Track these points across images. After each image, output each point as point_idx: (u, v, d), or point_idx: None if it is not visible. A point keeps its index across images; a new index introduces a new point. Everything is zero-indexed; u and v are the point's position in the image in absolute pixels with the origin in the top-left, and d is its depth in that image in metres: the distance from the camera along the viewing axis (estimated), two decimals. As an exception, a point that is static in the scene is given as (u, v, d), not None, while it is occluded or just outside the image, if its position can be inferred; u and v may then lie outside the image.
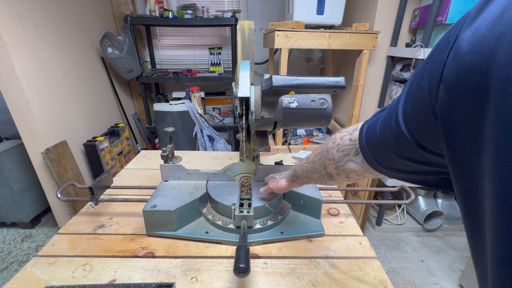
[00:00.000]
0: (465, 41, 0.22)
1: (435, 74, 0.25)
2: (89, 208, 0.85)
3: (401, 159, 0.35)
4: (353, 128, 0.45)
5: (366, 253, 0.68)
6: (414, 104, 0.29)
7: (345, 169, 0.46)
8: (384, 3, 1.68)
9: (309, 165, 0.55)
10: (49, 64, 1.62)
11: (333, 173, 0.48)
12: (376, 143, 0.38)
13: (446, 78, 0.23)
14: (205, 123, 2.21)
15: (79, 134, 1.86)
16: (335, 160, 0.46)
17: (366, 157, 0.40)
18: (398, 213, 2.01)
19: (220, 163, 1.17)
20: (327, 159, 0.48)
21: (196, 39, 2.57)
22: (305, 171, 0.57)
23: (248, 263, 0.49)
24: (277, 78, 0.52)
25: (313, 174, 0.54)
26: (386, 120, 0.35)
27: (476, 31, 0.21)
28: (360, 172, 0.44)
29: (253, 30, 0.71)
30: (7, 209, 1.82)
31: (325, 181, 0.52)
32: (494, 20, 0.20)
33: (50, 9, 1.63)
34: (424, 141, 0.30)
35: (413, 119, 0.30)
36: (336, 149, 0.46)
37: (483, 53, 0.20)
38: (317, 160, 0.52)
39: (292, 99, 0.72)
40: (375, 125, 0.38)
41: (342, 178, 0.48)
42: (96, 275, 0.60)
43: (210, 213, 0.76)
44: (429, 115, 0.27)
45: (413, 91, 0.29)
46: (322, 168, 0.50)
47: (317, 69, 2.71)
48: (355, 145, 0.43)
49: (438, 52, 0.25)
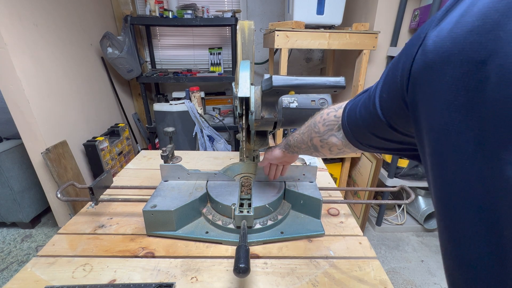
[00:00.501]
0: (431, 40, 0.24)
1: (406, 67, 0.27)
2: (89, 208, 0.85)
3: (377, 138, 0.39)
4: (339, 106, 0.49)
5: (366, 253, 0.68)
6: (389, 91, 0.32)
7: (328, 143, 0.50)
8: (384, 3, 1.68)
9: (299, 136, 0.59)
10: (49, 64, 1.62)
11: (318, 145, 0.53)
12: (356, 122, 0.42)
13: (414, 72, 0.26)
14: (205, 123, 2.21)
15: (79, 134, 1.87)
16: (320, 133, 0.51)
17: (346, 134, 0.45)
18: (398, 213, 2.01)
19: (220, 163, 1.17)
20: (313, 132, 0.53)
21: (196, 39, 2.57)
22: (296, 140, 0.60)
23: (248, 263, 0.49)
24: (277, 78, 0.53)
25: (302, 145, 0.58)
26: (365, 103, 0.39)
27: (440, 32, 0.23)
28: (340, 146, 0.49)
29: (253, 30, 0.71)
30: (7, 209, 1.82)
31: (311, 151, 0.57)
32: (453, 24, 0.22)
33: (50, 9, 1.63)
34: (397, 125, 0.33)
35: (387, 105, 0.33)
36: (322, 123, 0.50)
37: (442, 52, 0.23)
38: (306, 131, 0.56)
39: (292, 99, 0.72)
40: (356, 106, 0.42)
41: (325, 150, 0.53)
42: (96, 275, 0.60)
43: (210, 213, 0.76)
44: (401, 103, 0.30)
45: (389, 79, 0.32)
46: (309, 139, 0.54)
47: (317, 69, 2.71)
48: (338, 122, 0.47)
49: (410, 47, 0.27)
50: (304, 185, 0.82)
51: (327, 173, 1.09)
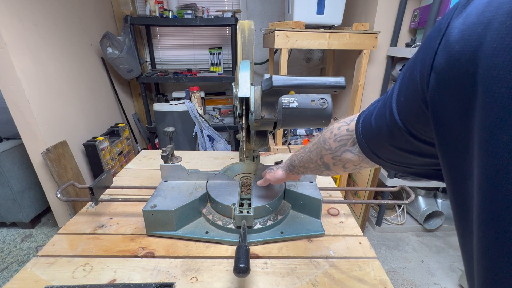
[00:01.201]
0: (456, 28, 0.21)
1: (426, 62, 0.25)
2: (89, 208, 0.85)
3: (395, 149, 0.35)
4: (351, 119, 0.45)
5: (366, 253, 0.68)
6: (407, 93, 0.29)
7: (341, 159, 0.46)
8: (384, 3, 1.68)
9: (306, 154, 0.55)
10: (49, 64, 1.62)
11: (330, 163, 0.49)
12: (372, 133, 0.38)
13: (436, 66, 0.23)
14: (205, 123, 2.21)
15: (79, 134, 1.87)
16: (332, 150, 0.47)
17: (362, 147, 0.41)
18: (398, 213, 2.01)
19: (220, 163, 1.17)
20: (324, 149, 0.49)
21: (196, 39, 2.57)
22: (302, 160, 0.57)
23: (248, 263, 0.49)
24: (277, 78, 0.52)
25: (310, 164, 0.54)
26: (381, 111, 0.36)
27: (466, 18, 0.21)
28: (356, 162, 0.45)
29: (253, 30, 0.71)
30: (7, 209, 1.82)
31: (321, 171, 0.53)
32: (484, 7, 0.19)
33: (50, 9, 1.63)
34: (416, 130, 0.30)
35: (405, 108, 0.31)
36: (333, 139, 0.46)
37: (472, 41, 0.20)
38: (314, 149, 0.52)
39: (292, 99, 0.72)
40: (371, 115, 0.38)
41: (338, 168, 0.49)
42: (96, 275, 0.60)
43: (210, 213, 0.76)
44: (420, 104, 0.27)
45: (406, 80, 0.30)
46: (319, 158, 0.50)
47: (317, 69, 2.70)
48: (352, 136, 0.43)
49: (429, 41, 0.25)
50: (304, 185, 0.82)
51: (327, 173, 1.09)
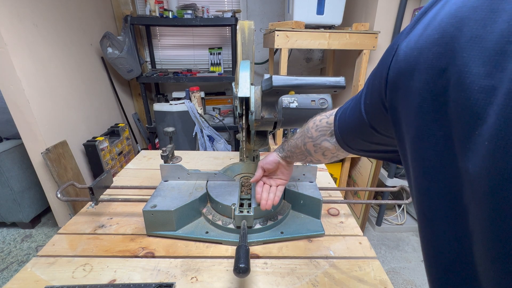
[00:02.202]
0: (401, 50, 0.27)
1: (383, 75, 0.30)
2: (89, 208, 0.85)
3: (364, 141, 0.42)
4: (330, 113, 0.52)
5: (366, 253, 0.68)
6: (371, 98, 0.35)
7: (321, 147, 0.53)
8: (384, 3, 1.68)
9: (293, 141, 0.61)
10: (49, 64, 1.62)
11: (311, 150, 0.55)
12: (345, 128, 0.45)
13: (389, 79, 0.29)
14: (205, 123, 2.21)
15: (79, 134, 1.86)
16: (313, 138, 0.53)
17: (337, 139, 0.48)
18: (398, 213, 2.01)
19: (220, 163, 1.17)
20: (307, 137, 0.55)
21: (196, 39, 2.57)
22: (290, 145, 0.62)
23: (248, 263, 0.50)
24: (277, 78, 0.53)
25: (296, 149, 0.60)
26: (352, 110, 0.42)
27: (408, 43, 0.26)
28: (333, 150, 0.52)
29: (253, 30, 0.71)
30: (7, 209, 1.82)
31: (305, 156, 0.59)
32: (418, 36, 0.25)
33: (50, 9, 1.63)
34: (380, 128, 0.36)
35: (371, 110, 0.36)
36: (315, 128, 0.53)
37: (411, 61, 0.25)
38: (299, 137, 0.59)
39: (292, 99, 0.72)
40: (345, 113, 0.45)
41: (318, 155, 0.55)
42: (96, 275, 0.60)
43: (210, 213, 0.76)
44: (381, 108, 0.33)
45: (370, 87, 0.35)
46: (303, 144, 0.57)
47: (317, 69, 2.70)
48: (330, 128, 0.50)
49: (386, 57, 0.30)
50: (304, 185, 0.82)
51: (327, 173, 1.09)
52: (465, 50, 0.20)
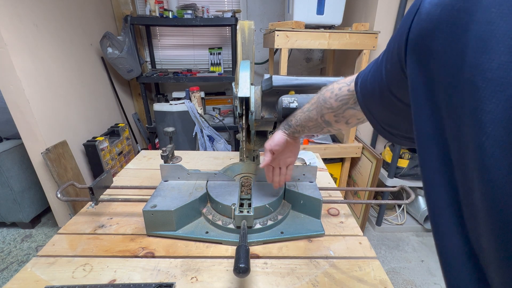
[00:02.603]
0: (424, 7, 0.25)
1: (403, 38, 0.28)
2: (89, 208, 0.85)
3: (385, 110, 0.39)
4: (350, 80, 0.48)
5: (366, 253, 0.68)
6: (391, 62, 0.33)
7: (344, 116, 0.49)
8: (384, 3, 1.68)
9: (304, 114, 0.57)
10: (49, 64, 1.62)
11: (331, 121, 0.52)
12: (367, 93, 0.42)
13: (410, 41, 0.27)
14: (205, 123, 2.21)
15: (79, 134, 1.87)
16: (334, 108, 0.49)
17: (361, 105, 0.44)
18: (398, 213, 2.01)
19: (220, 163, 1.17)
20: (324, 108, 0.51)
21: (196, 39, 2.57)
22: (300, 119, 0.58)
23: (248, 263, 0.50)
24: (277, 78, 0.53)
25: (309, 122, 0.56)
26: (374, 74, 0.39)
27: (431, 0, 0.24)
28: (360, 115, 0.47)
29: (253, 30, 0.71)
30: (7, 209, 1.82)
31: (321, 128, 0.56)
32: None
33: (50, 9, 1.63)
34: (399, 94, 0.34)
35: (391, 74, 0.34)
36: (335, 98, 0.49)
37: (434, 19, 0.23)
38: (313, 109, 0.54)
39: (292, 99, 0.72)
40: (367, 77, 0.42)
41: (341, 124, 0.52)
42: (96, 275, 0.60)
43: (210, 213, 0.76)
44: (400, 72, 0.31)
45: (390, 50, 0.33)
46: (319, 116, 0.53)
47: (317, 69, 2.71)
48: (353, 95, 0.45)
49: (407, 17, 0.28)
50: (304, 185, 0.82)
51: (327, 173, 1.09)
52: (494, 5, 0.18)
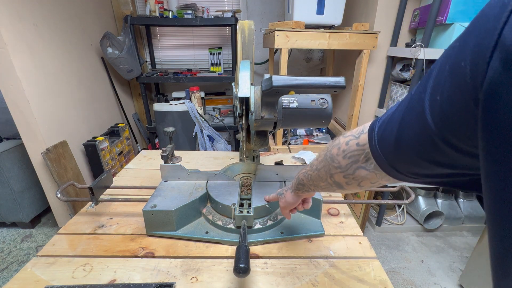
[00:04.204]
0: None
1: (484, 46, 0.19)
2: (89, 208, 0.85)
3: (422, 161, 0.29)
4: (359, 131, 0.39)
5: (366, 253, 0.68)
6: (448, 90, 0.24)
7: (355, 177, 0.41)
8: (384, 3, 1.68)
9: (314, 172, 0.50)
10: (49, 64, 1.62)
11: (342, 182, 0.44)
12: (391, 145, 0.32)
13: (504, 44, 0.18)
14: (205, 123, 2.21)
15: (79, 134, 1.86)
16: (342, 168, 0.41)
17: (379, 161, 0.35)
18: (398, 213, 2.01)
19: (220, 163, 1.17)
20: (333, 167, 0.43)
21: (196, 39, 2.57)
22: (311, 179, 0.51)
23: (248, 263, 0.49)
24: (277, 78, 0.52)
25: (320, 182, 0.49)
26: (405, 116, 0.30)
27: None
28: (374, 179, 0.39)
29: (253, 30, 0.71)
30: (7, 209, 1.82)
31: (334, 189, 0.48)
32: None
33: (50, 9, 1.63)
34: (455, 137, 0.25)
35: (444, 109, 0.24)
36: (342, 155, 0.41)
37: None
38: (321, 167, 0.47)
39: (292, 99, 0.72)
40: (391, 124, 0.33)
41: (353, 187, 0.43)
42: (96, 275, 0.60)
43: (210, 213, 0.76)
44: (468, 102, 0.22)
45: (446, 74, 0.24)
46: (329, 176, 0.45)
47: (317, 69, 2.70)
48: (364, 150, 0.38)
49: (486, 21, 0.20)
50: (304, 185, 0.82)
51: (327, 173, 1.09)
52: None
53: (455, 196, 1.98)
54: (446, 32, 1.41)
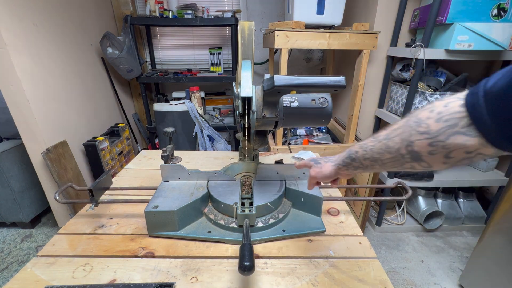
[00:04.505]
0: None
1: None
2: (88, 210, 0.85)
3: None
4: (461, 95, 0.33)
5: (366, 253, 0.68)
6: None
7: (447, 146, 0.33)
8: (384, 3, 1.68)
9: (380, 143, 0.42)
10: (49, 64, 1.62)
11: (423, 152, 0.36)
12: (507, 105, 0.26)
13: None
14: (205, 123, 2.21)
15: (79, 134, 1.86)
16: (432, 133, 0.34)
17: (486, 129, 0.30)
18: (398, 213, 2.01)
19: (220, 163, 1.17)
20: (416, 133, 0.36)
21: (196, 39, 2.57)
22: (371, 151, 0.44)
23: (252, 261, 0.50)
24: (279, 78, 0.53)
25: (385, 155, 0.41)
26: None
27: None
28: (473, 147, 0.32)
29: (253, 30, 0.71)
30: (7, 209, 1.82)
31: (402, 163, 0.40)
32: None
33: (50, 9, 1.63)
34: None
35: None
36: (436, 118, 0.34)
37: None
38: (395, 135, 0.39)
39: (293, 98, 0.72)
40: (508, 79, 0.27)
41: (436, 159, 0.36)
42: (96, 275, 0.60)
43: (212, 213, 0.76)
44: None
45: None
46: (405, 145, 0.38)
47: (317, 69, 2.71)
48: (466, 114, 0.32)
49: None
50: (305, 183, 0.82)
51: (327, 173, 1.09)
52: None
53: (455, 196, 1.98)
54: (446, 32, 1.41)
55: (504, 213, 1.24)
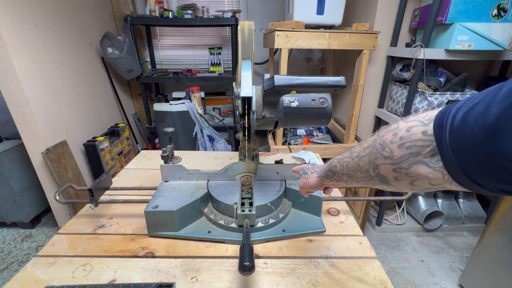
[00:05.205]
0: None
1: None
2: (88, 210, 0.85)
3: None
4: (429, 117, 0.30)
5: (366, 253, 0.68)
6: None
7: (409, 174, 0.32)
8: (384, 3, 1.68)
9: (352, 160, 0.42)
10: (49, 64, 1.62)
11: (389, 177, 0.35)
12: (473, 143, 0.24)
13: None
14: (205, 123, 2.21)
15: (79, 134, 1.86)
16: (394, 159, 0.33)
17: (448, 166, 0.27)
18: (398, 213, 2.01)
19: (220, 163, 1.17)
20: (381, 156, 0.35)
21: (196, 39, 2.57)
22: (346, 167, 0.44)
23: (252, 261, 0.50)
24: (279, 78, 0.53)
25: (357, 173, 0.41)
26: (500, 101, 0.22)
27: None
28: (436, 180, 0.30)
29: (253, 30, 0.71)
30: (7, 209, 1.82)
31: (373, 184, 0.39)
32: None
33: (50, 9, 1.63)
34: None
35: None
36: (398, 144, 0.32)
37: None
38: (364, 155, 0.38)
39: (293, 98, 0.72)
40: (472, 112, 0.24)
41: (402, 185, 0.34)
42: (96, 275, 0.60)
43: (212, 213, 0.76)
44: None
45: None
46: (372, 167, 0.37)
47: (317, 69, 2.71)
48: (431, 142, 0.29)
49: None
50: (305, 185, 0.82)
51: (327, 173, 1.09)
52: None
53: (455, 196, 1.98)
54: (446, 32, 1.41)
55: (504, 213, 1.24)
